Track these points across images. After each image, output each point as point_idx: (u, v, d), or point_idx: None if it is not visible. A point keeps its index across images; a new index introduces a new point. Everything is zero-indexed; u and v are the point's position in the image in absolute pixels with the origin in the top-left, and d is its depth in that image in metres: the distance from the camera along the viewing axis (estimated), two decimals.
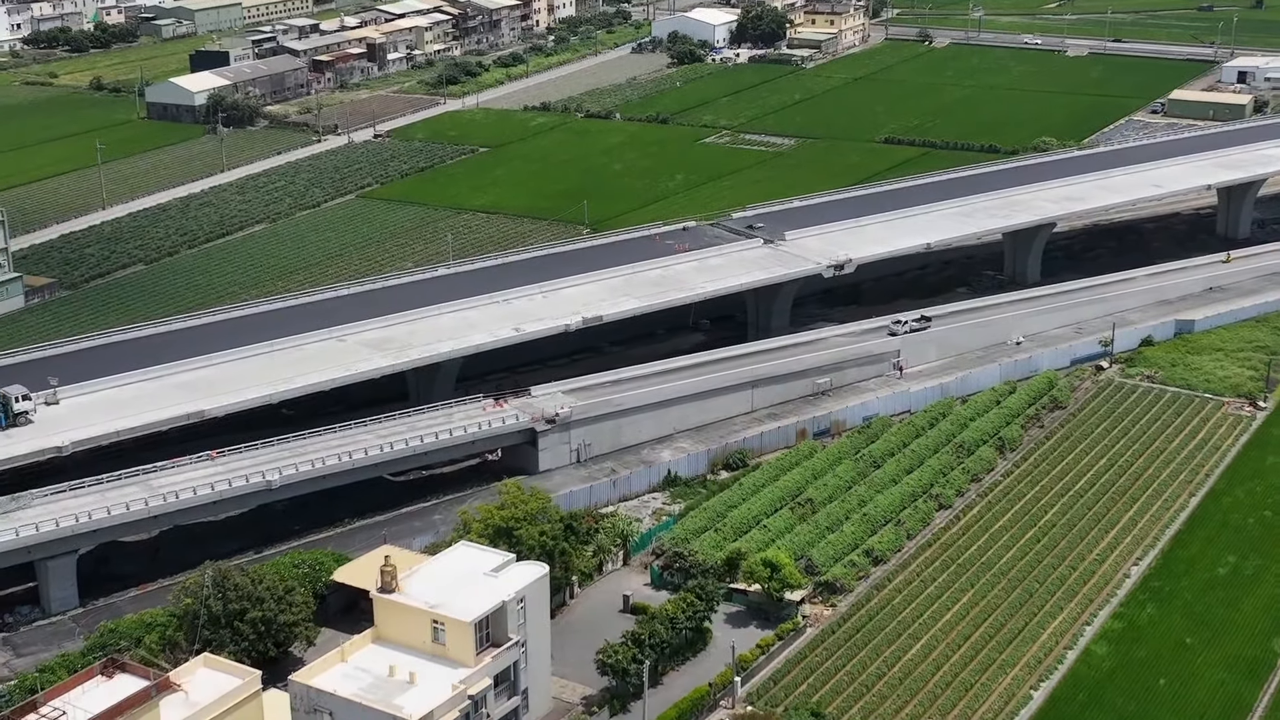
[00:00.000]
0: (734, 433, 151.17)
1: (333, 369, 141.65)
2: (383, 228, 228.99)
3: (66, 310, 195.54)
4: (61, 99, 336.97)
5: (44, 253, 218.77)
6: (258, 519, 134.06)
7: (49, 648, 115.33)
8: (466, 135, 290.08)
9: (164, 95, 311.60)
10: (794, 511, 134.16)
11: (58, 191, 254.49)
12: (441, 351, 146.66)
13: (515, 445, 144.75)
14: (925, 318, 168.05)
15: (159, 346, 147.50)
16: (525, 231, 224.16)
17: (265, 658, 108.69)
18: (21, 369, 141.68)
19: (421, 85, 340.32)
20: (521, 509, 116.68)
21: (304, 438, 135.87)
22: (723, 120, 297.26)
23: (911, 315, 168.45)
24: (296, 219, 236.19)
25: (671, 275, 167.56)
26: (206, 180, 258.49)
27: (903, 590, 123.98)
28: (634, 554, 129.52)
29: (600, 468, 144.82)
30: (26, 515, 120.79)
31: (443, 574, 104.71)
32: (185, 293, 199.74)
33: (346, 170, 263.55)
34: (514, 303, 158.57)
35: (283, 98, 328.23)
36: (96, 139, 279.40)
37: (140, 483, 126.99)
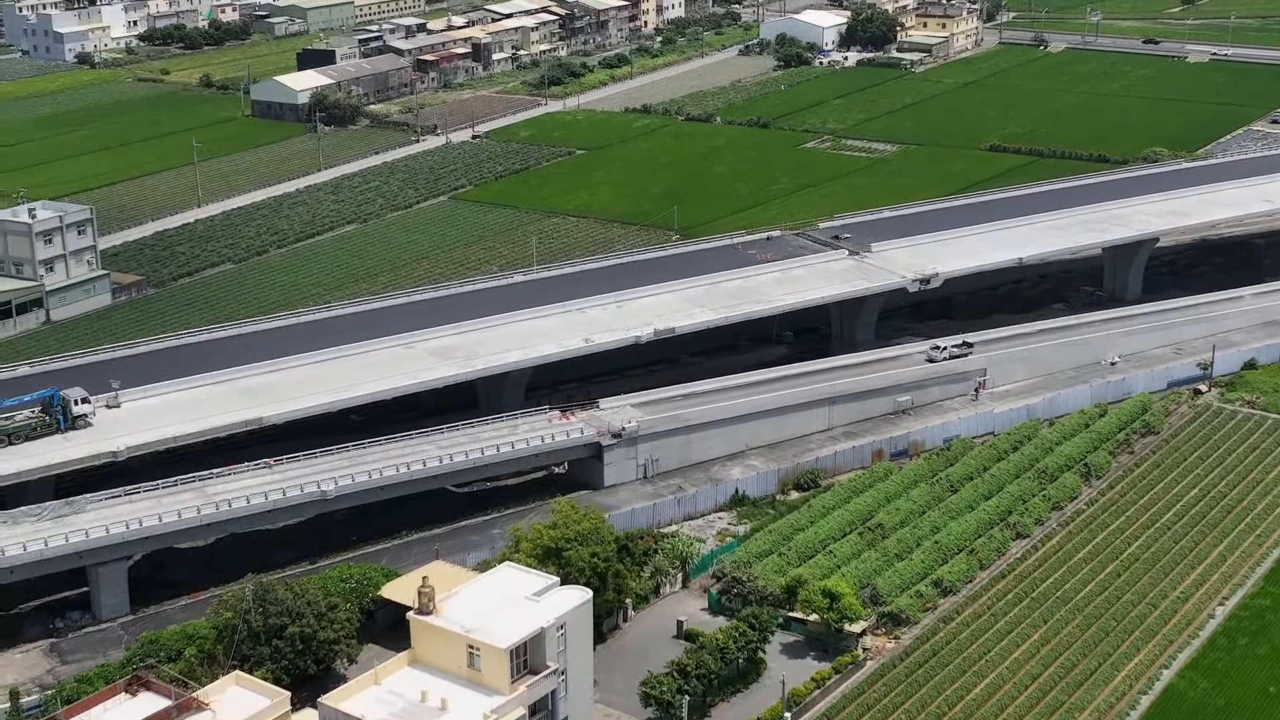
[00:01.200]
0: (808, 451, 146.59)
1: (397, 377, 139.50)
2: (472, 230, 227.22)
3: (152, 308, 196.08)
4: (171, 96, 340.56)
5: (136, 250, 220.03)
6: (316, 528, 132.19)
7: (94, 656, 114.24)
8: (564, 137, 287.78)
9: (268, 93, 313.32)
10: (863, 537, 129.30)
11: (156, 189, 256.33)
12: (507, 361, 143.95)
13: (581, 459, 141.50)
14: (967, 343, 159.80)
15: (227, 350, 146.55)
16: (615, 236, 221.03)
17: (304, 675, 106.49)
18: (89, 370, 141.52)
19: (524, 86, 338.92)
20: (572, 529, 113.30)
21: (364, 447, 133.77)
22: (825, 125, 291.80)
23: (952, 340, 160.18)
24: (387, 220, 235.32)
25: (751, 286, 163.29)
26: (302, 179, 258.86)
27: (971, 624, 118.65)
28: (693, 576, 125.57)
29: (667, 484, 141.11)
30: (79, 520, 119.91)
31: (483, 596, 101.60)
32: (269, 293, 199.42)
33: (441, 171, 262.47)
34: (587, 312, 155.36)
35: (386, 97, 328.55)
36: (198, 137, 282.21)
37: (196, 489, 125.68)
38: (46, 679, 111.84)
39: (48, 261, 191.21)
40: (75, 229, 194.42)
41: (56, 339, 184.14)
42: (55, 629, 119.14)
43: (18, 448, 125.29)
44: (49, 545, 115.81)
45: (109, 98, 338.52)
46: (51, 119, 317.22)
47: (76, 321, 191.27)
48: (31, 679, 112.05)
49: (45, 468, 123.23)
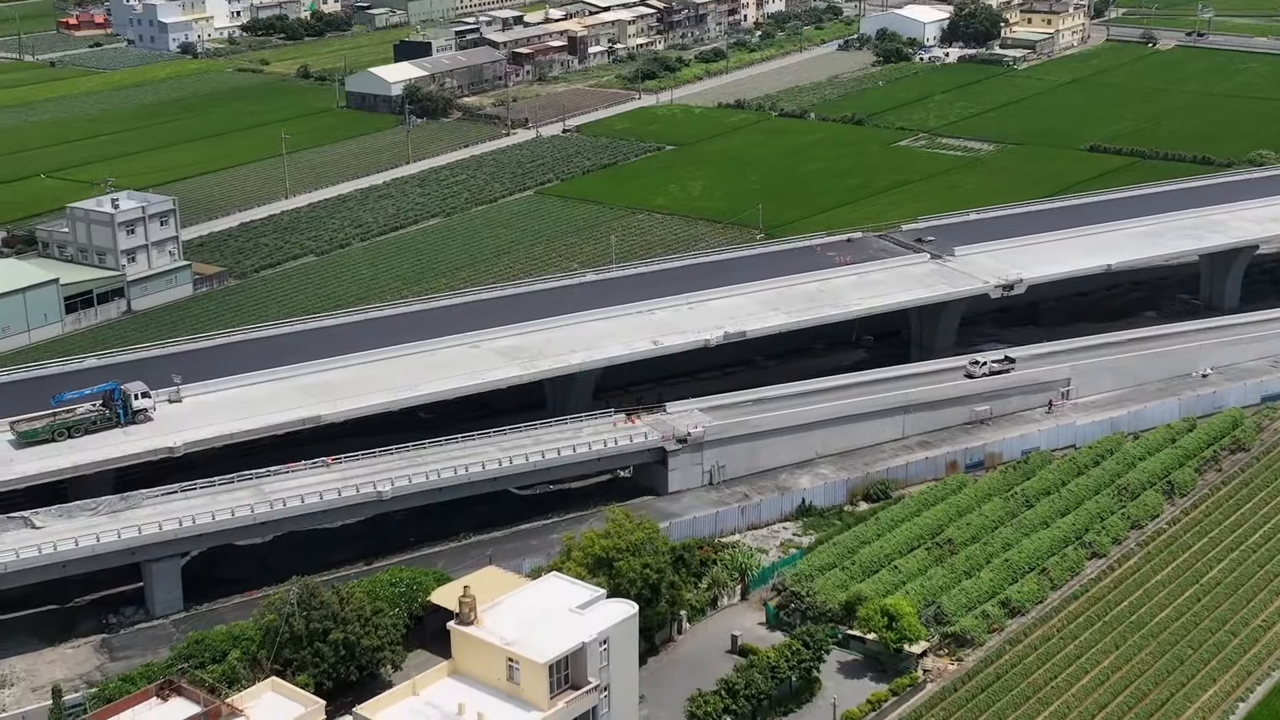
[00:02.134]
0: (880, 461, 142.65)
1: (459, 377, 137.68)
2: (555, 225, 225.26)
3: (231, 300, 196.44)
4: (269, 87, 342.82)
5: (221, 240, 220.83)
6: (374, 528, 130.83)
7: (144, 653, 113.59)
8: (656, 132, 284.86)
9: (363, 85, 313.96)
10: (930, 552, 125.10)
11: (247, 179, 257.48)
12: (572, 363, 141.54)
13: (646, 464, 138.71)
14: (1009, 358, 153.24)
15: (291, 346, 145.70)
16: (698, 234, 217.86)
17: (346, 682, 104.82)
18: (155, 364, 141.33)
19: (619, 80, 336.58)
20: (625, 539, 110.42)
21: (424, 448, 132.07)
22: (922, 123, 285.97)
23: (993, 355, 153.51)
24: (472, 214, 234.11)
25: (827, 290, 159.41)
26: (391, 172, 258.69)
27: (1039, 647, 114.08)
28: (753, 589, 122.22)
29: (733, 491, 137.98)
30: (134, 516, 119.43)
31: (527, 607, 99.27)
32: (348, 286, 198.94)
33: (529, 165, 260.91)
34: (657, 314, 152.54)
35: (480, 89, 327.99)
36: (290, 128, 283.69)
37: (252, 487, 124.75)
38: (94, 675, 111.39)
39: (130, 252, 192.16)
40: (158, 219, 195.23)
41: (135, 329, 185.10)
42: (108, 624, 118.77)
43: (77, 441, 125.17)
44: (101, 540, 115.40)
45: (209, 88, 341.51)
46: (152, 108, 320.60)
47: (157, 312, 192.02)
48: (80, 675, 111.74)
49: (102, 462, 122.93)
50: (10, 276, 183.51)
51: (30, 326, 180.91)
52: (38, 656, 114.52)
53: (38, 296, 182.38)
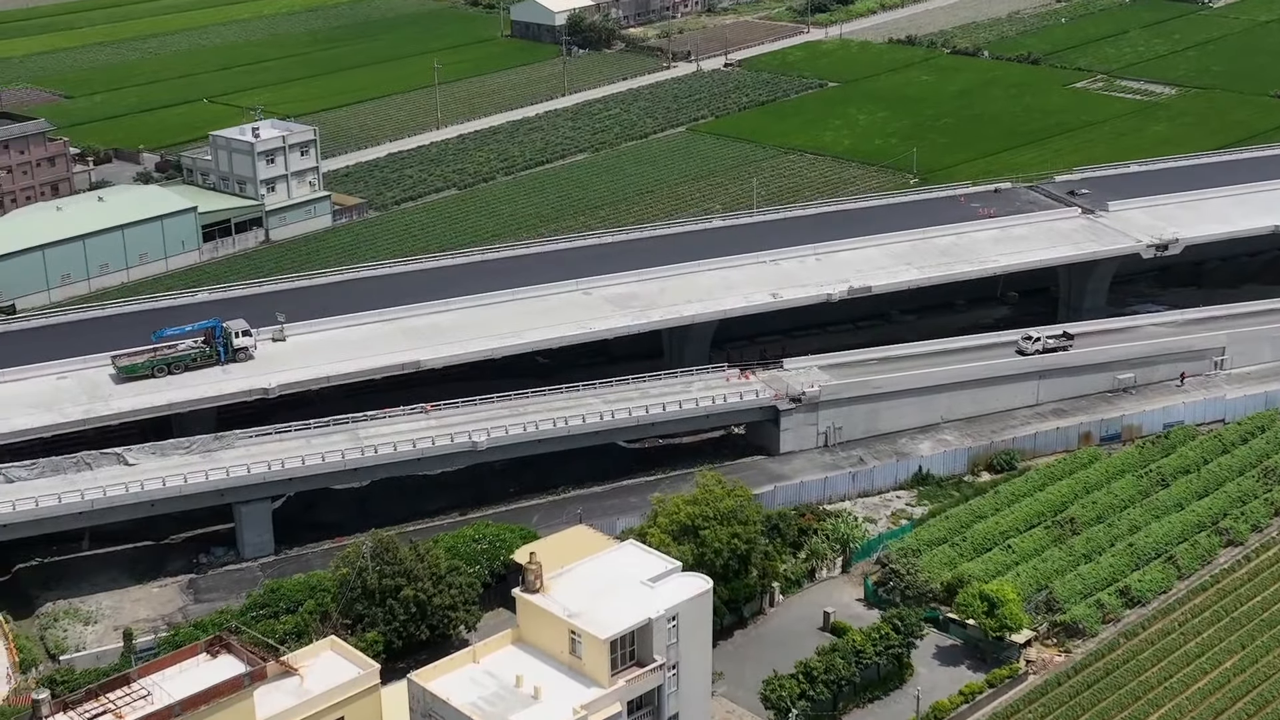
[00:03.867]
0: (1008, 429, 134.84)
1: (565, 325, 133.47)
2: (703, 164, 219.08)
3: (368, 232, 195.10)
4: (439, 13, 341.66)
5: (366, 171, 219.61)
6: (474, 476, 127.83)
7: (227, 596, 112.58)
8: (818, 68, 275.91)
9: (527, 14, 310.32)
10: (1049, 531, 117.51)
11: (402, 108, 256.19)
12: (684, 315, 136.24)
13: (758, 422, 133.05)
14: (1067, 334, 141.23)
15: (401, 286, 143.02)
16: (848, 178, 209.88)
17: (417, 641, 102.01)
18: (267, 300, 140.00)
19: (789, 12, 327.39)
20: (713, 506, 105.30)
21: (526, 397, 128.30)
22: (1101, 63, 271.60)
23: (1048, 331, 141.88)
24: (620, 150, 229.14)
25: (965, 244, 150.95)
26: (544, 104, 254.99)
27: (1156, 642, 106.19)
28: (855, 561, 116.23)
29: (848, 455, 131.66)
30: (226, 456, 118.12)
31: (597, 577, 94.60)
32: (484, 222, 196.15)
33: (685, 100, 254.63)
34: (781, 264, 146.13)
35: (646, 20, 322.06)
36: (451, 57, 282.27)
37: (348, 431, 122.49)
38: (175, 617, 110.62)
39: (269, 181, 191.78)
40: (299, 149, 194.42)
41: (271, 259, 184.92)
42: (197, 564, 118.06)
43: (176, 378, 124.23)
44: (189, 480, 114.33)
45: (379, 14, 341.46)
46: (321, 34, 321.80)
47: (294, 242, 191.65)
48: (162, 615, 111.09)
49: (195, 401, 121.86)
50: (150, 203, 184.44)
51: (168, 254, 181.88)
52: (125, 594, 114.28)
53: (176, 224, 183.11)
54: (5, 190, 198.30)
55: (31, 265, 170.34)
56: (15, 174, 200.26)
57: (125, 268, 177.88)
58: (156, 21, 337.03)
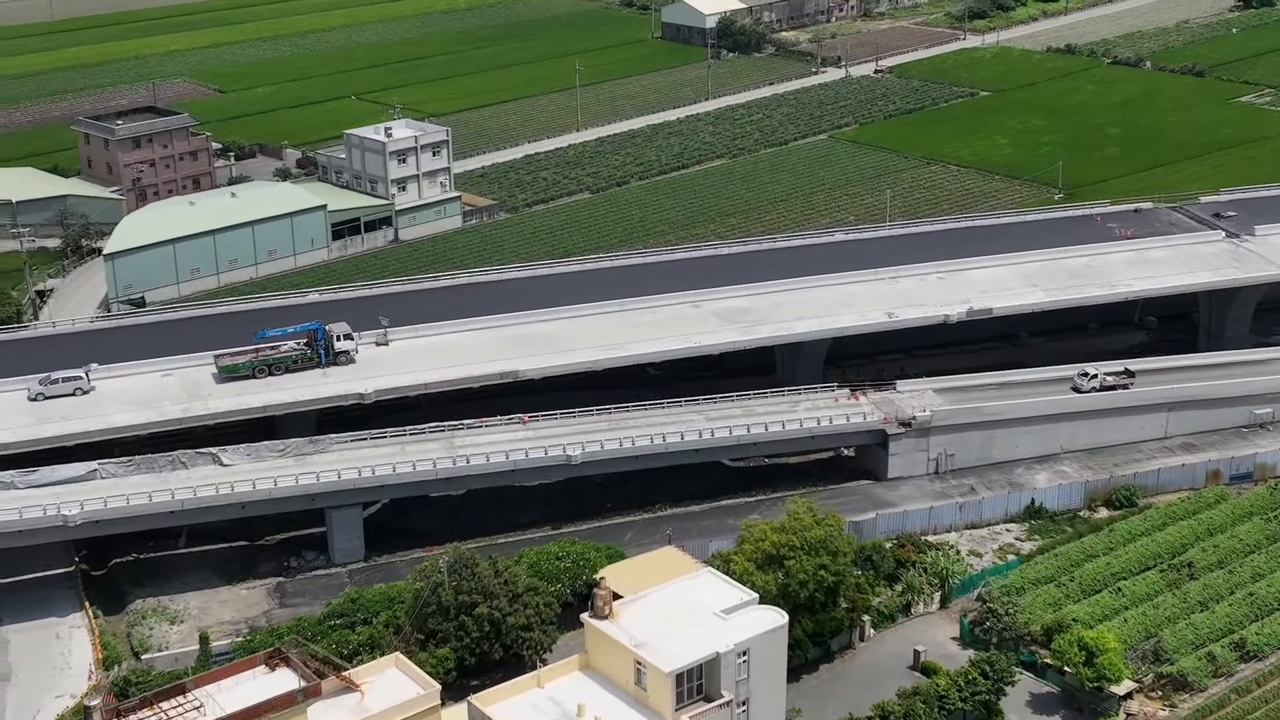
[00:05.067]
0: (1131, 463, 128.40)
1: (670, 339, 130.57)
2: (841, 173, 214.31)
3: (496, 235, 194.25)
4: (592, 14, 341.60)
5: (502, 173, 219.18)
6: (571, 490, 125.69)
7: (312, 602, 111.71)
8: (971, 76, 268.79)
9: (677, 16, 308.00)
10: (1164, 575, 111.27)
11: (545, 109, 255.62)
12: (794, 332, 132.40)
13: (867, 446, 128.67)
14: (1128, 372, 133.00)
15: (511, 292, 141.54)
16: (990, 191, 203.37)
17: (490, 659, 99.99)
18: (377, 302, 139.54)
19: (946, 18, 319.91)
20: (802, 535, 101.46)
21: (626, 411, 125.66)
22: (1272, 76, 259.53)
23: (1107, 367, 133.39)
24: (758, 156, 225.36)
25: (1097, 266, 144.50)
26: (687, 108, 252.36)
27: (1270, 700, 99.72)
28: (954, 597, 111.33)
29: (959, 484, 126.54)
30: (319, 460, 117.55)
31: (668, 605, 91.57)
32: (612, 227, 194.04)
33: (829, 106, 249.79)
34: (901, 282, 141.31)
35: (799, 24, 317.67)
36: (600, 58, 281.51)
37: (444, 440, 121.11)
38: (259, 620, 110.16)
39: (400, 181, 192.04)
40: (430, 150, 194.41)
41: (398, 259, 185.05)
42: (287, 568, 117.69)
43: (276, 379, 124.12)
44: (278, 484, 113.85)
45: (533, 14, 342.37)
46: (474, 33, 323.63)
47: (422, 243, 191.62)
48: (246, 618, 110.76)
49: (291, 404, 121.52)
50: (281, 200, 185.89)
51: (296, 251, 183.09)
52: (213, 595, 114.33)
53: (305, 221, 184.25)
54: (147, 183, 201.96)
55: (162, 259, 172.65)
56: (158, 167, 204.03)
57: (254, 264, 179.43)
58: (316, 18, 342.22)
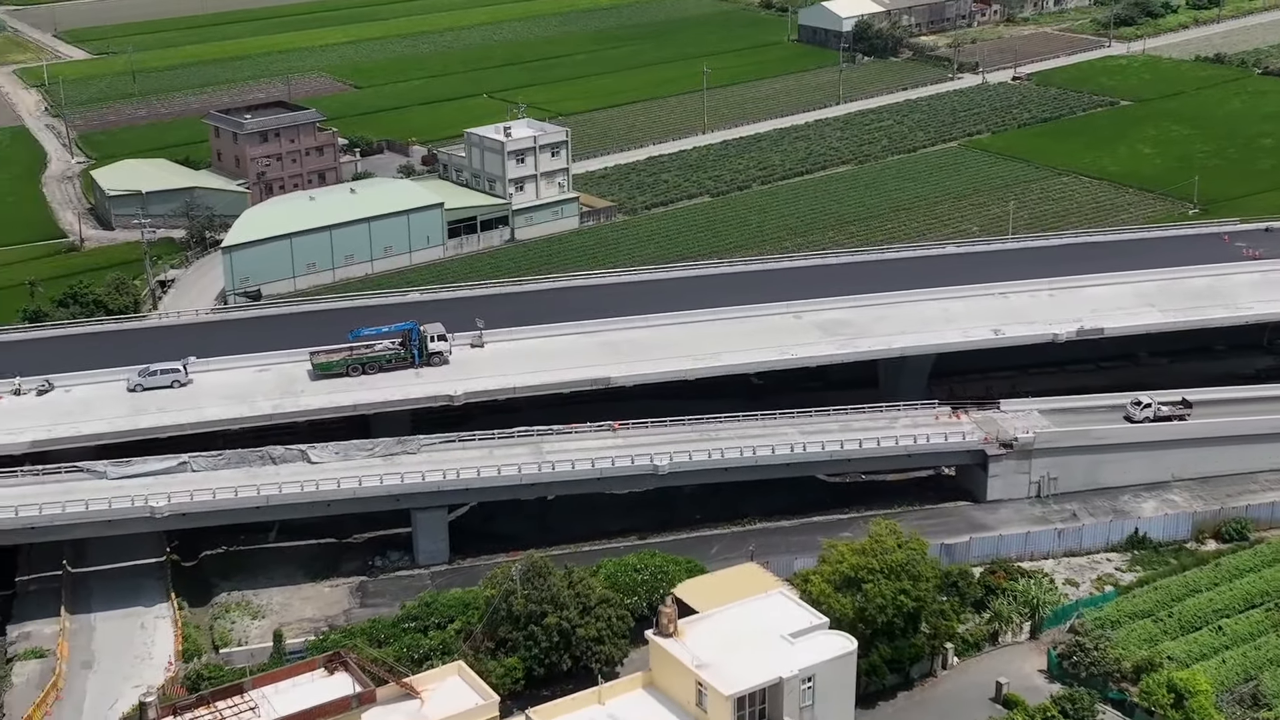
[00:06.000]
0: (1245, 494, 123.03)
1: (766, 350, 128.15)
2: (969, 182, 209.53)
3: (612, 236, 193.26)
4: (730, 16, 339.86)
5: (623, 174, 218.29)
6: (662, 500, 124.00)
7: (392, 602, 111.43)
8: (1113, 85, 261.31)
9: (814, 18, 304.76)
10: (1269, 615, 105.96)
11: (674, 111, 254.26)
12: (893, 347, 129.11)
13: (967, 466, 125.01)
14: (1185, 402, 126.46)
15: (616, 297, 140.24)
16: (1122, 204, 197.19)
17: (558, 671, 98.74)
18: (478, 303, 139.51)
19: (1092, 24, 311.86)
20: (882, 558, 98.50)
21: (718, 422, 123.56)
22: None
23: (1162, 396, 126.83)
24: (884, 163, 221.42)
25: (1220, 288, 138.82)
26: (816, 112, 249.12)
27: None
28: (1045, 627, 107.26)
29: (1060, 509, 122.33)
30: (406, 461, 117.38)
31: (735, 625, 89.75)
32: (729, 232, 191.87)
33: (962, 113, 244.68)
34: (1011, 298, 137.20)
35: (939, 28, 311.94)
36: (734, 60, 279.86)
37: (532, 445, 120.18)
38: (339, 619, 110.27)
39: (518, 181, 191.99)
40: (549, 150, 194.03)
41: (512, 259, 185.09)
42: (371, 567, 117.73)
43: (369, 378, 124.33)
44: (363, 484, 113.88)
45: (670, 14, 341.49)
46: (610, 32, 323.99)
47: (538, 243, 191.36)
48: (326, 616, 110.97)
49: (380, 404, 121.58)
50: (399, 197, 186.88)
51: (412, 248, 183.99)
52: (297, 591, 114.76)
53: (422, 219, 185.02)
54: (273, 177, 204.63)
55: (279, 253, 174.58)
56: (284, 162, 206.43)
57: (369, 259, 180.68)
58: (456, 16, 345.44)
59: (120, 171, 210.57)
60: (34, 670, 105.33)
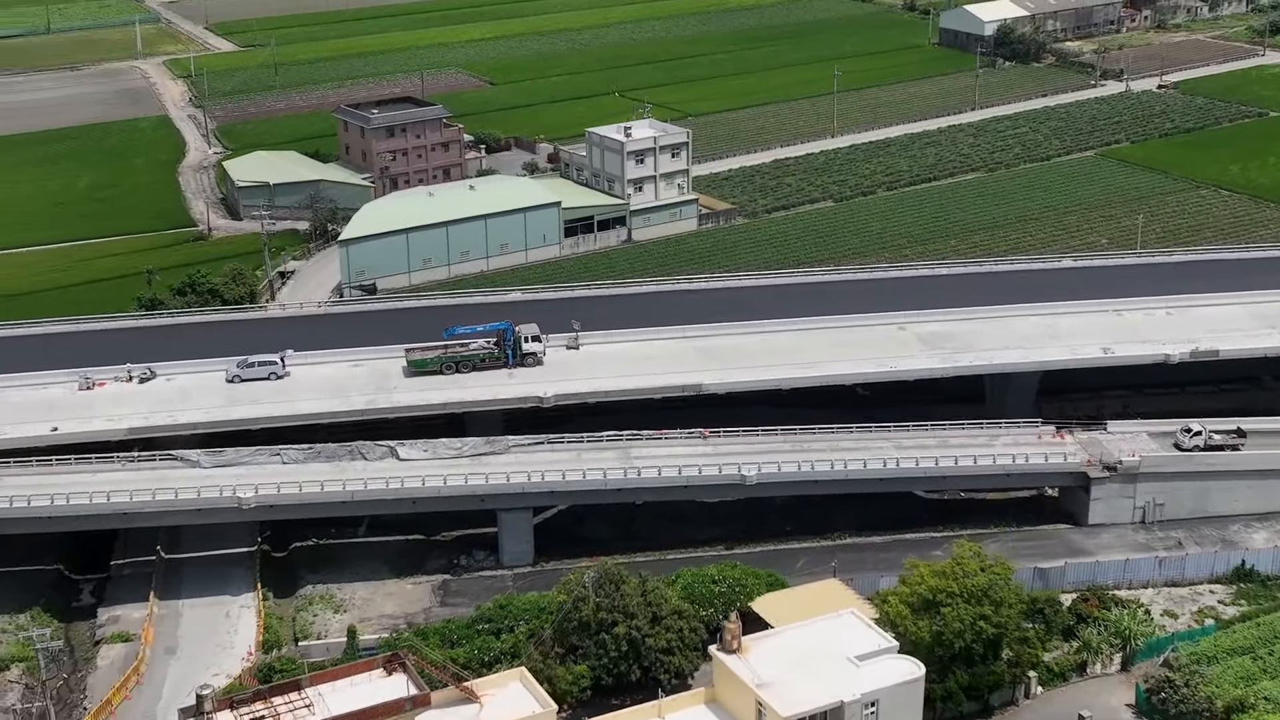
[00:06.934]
0: None
1: (865, 362, 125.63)
2: (1101, 193, 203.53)
3: (729, 239, 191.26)
4: (872, 17, 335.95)
5: (747, 176, 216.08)
6: (752, 510, 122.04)
7: (471, 603, 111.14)
8: (1264, 95, 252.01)
9: (956, 22, 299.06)
10: None
11: (804, 113, 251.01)
12: (996, 362, 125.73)
13: (1070, 488, 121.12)
14: (1240, 431, 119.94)
15: (717, 302, 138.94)
16: (1262, 219, 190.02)
17: (627, 680, 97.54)
18: (581, 305, 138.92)
19: (1247, 32, 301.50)
20: (963, 581, 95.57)
21: (812, 433, 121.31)
22: None
23: (1216, 424, 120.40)
24: (1016, 171, 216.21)
25: None
26: (950, 118, 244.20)
27: None
28: (1137, 660, 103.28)
29: (1165, 536, 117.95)
30: (494, 461, 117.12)
31: (801, 645, 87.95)
32: (848, 238, 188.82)
33: (1101, 122, 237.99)
34: (1125, 315, 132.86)
35: (1086, 34, 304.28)
36: (871, 62, 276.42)
37: (620, 450, 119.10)
38: (418, 617, 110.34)
39: (637, 181, 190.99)
40: (669, 151, 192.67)
41: (627, 259, 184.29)
42: (456, 565, 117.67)
43: (462, 377, 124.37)
44: (447, 483, 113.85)
45: (811, 15, 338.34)
46: (749, 33, 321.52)
47: (654, 244, 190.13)
48: (406, 614, 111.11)
49: (470, 403, 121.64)
50: (517, 195, 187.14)
51: (528, 246, 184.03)
52: (380, 587, 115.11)
53: (539, 217, 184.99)
54: (397, 172, 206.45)
55: (395, 247, 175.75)
56: (409, 157, 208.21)
57: (485, 256, 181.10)
58: (595, 14, 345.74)
59: (250, 163, 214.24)
60: (119, 653, 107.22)
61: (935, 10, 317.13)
